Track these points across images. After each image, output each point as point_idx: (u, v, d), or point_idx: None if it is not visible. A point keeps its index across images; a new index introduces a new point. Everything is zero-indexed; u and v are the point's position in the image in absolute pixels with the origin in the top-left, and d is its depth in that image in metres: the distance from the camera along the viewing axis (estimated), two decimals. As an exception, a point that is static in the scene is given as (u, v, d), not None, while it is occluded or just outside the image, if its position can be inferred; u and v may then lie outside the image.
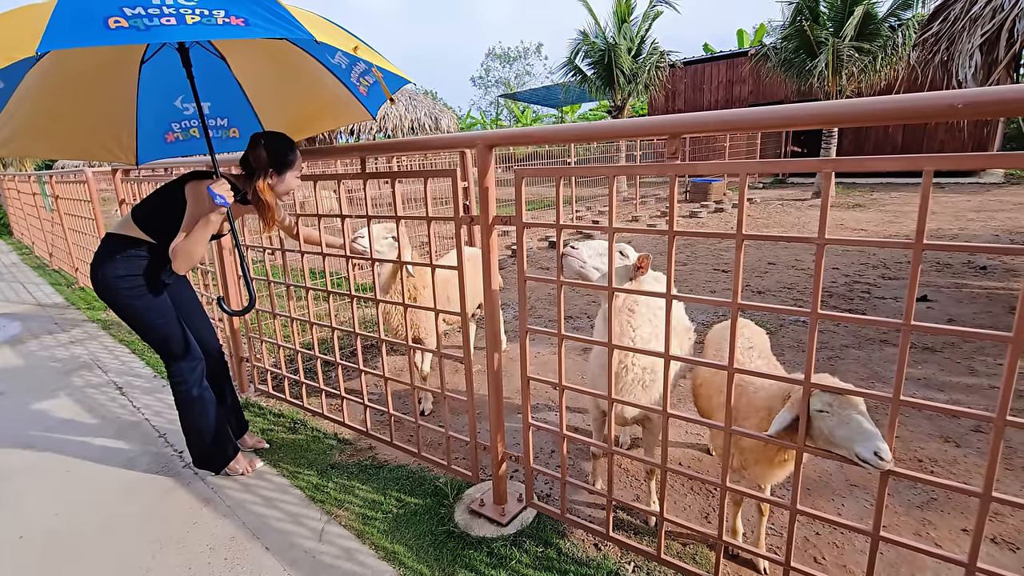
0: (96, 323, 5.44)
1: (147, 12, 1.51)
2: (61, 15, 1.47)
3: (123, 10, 1.50)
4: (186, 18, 1.53)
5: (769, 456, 1.75)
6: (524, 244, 1.96)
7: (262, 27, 1.59)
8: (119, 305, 2.30)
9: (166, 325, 2.36)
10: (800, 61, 12.07)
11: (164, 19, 1.51)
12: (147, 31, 1.48)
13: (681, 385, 3.46)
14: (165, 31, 1.50)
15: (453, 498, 2.39)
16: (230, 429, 2.68)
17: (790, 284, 5.77)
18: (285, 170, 2.28)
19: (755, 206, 12.15)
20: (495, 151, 1.99)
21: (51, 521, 2.38)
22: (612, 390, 1.86)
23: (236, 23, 1.56)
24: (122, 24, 1.47)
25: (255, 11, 1.63)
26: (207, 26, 1.53)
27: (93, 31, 1.45)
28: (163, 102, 2.54)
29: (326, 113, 2.68)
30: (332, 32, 1.87)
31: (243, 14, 1.59)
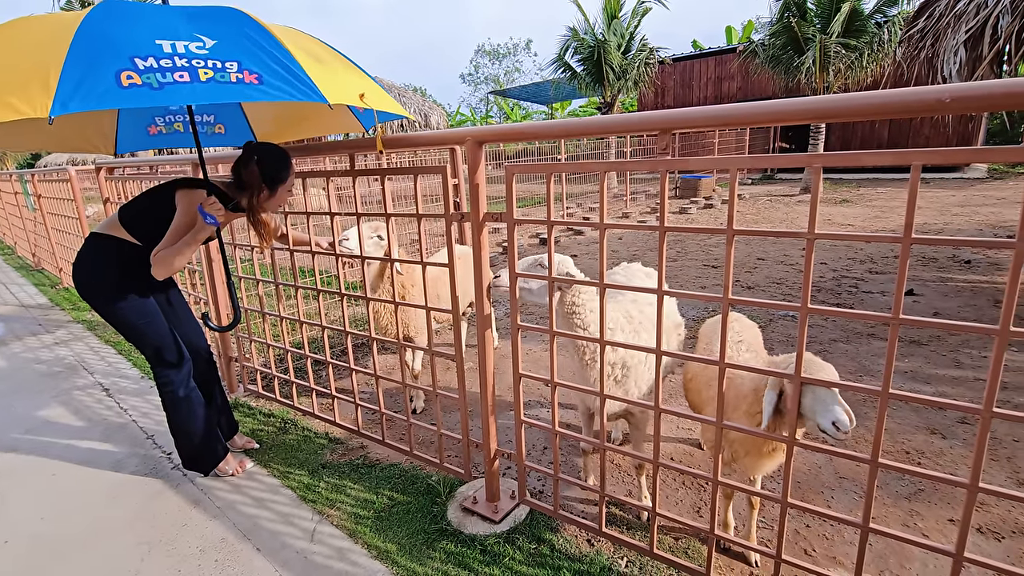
0: (81, 324, 5.36)
1: (159, 65, 1.46)
2: (73, 67, 1.41)
3: (135, 61, 1.45)
4: (199, 73, 1.48)
5: (758, 446, 1.76)
6: (515, 241, 1.95)
7: (277, 88, 1.54)
8: (102, 306, 2.27)
9: (150, 325, 2.33)
10: (788, 57, 12.16)
11: (177, 74, 1.46)
12: (161, 90, 1.43)
13: (672, 380, 3.48)
14: (179, 90, 1.45)
15: (446, 496, 2.38)
16: (219, 430, 2.66)
17: (779, 279, 5.82)
18: (277, 186, 2.25)
19: (744, 202, 12.23)
20: (485, 147, 1.98)
21: (36, 525, 2.35)
22: (603, 386, 1.86)
23: (250, 80, 1.52)
24: (135, 81, 1.42)
25: (269, 67, 1.59)
26: (221, 84, 1.49)
27: (106, 92, 1.40)
28: (128, 35, 2.47)
29: (318, 118, 2.66)
30: (335, 74, 1.84)
31: (257, 69, 1.55)
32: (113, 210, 2.71)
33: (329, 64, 1.88)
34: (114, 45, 1.48)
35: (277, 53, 1.64)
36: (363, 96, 1.85)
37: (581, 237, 9.13)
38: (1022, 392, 3.09)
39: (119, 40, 1.50)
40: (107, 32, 1.53)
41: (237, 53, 1.58)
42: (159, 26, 1.60)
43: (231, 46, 1.60)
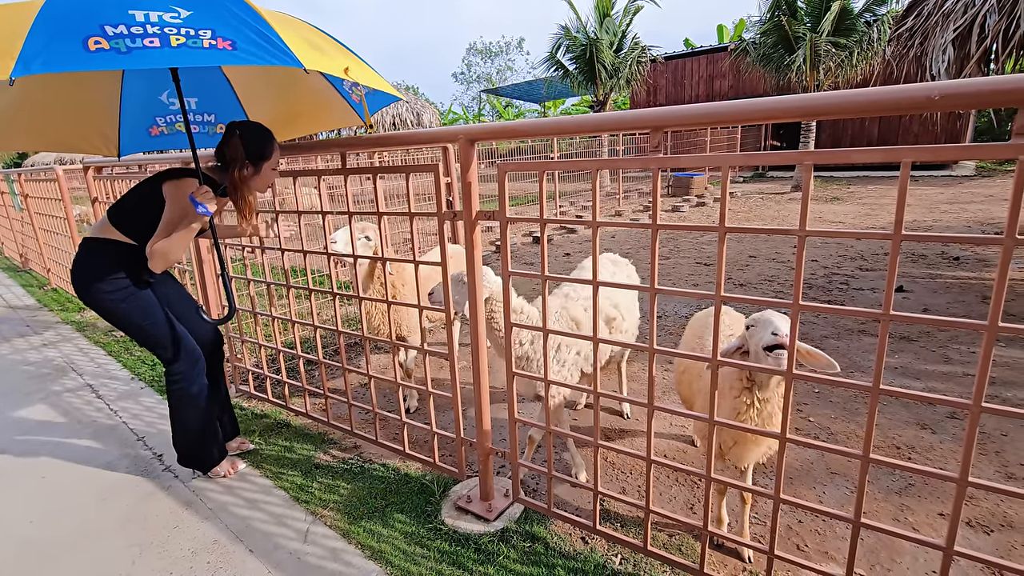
0: (70, 325, 5.30)
1: (129, 31, 1.44)
2: (38, 33, 1.39)
3: (104, 28, 1.42)
4: (170, 39, 1.46)
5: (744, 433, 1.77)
6: (508, 239, 1.95)
7: (251, 53, 1.52)
8: (105, 309, 2.25)
9: (156, 324, 2.30)
10: (778, 56, 12.23)
11: (147, 39, 1.44)
12: (128, 54, 1.41)
13: (665, 377, 3.49)
14: (148, 55, 1.42)
15: (440, 495, 2.37)
16: (220, 427, 2.64)
17: (771, 276, 5.85)
18: (261, 163, 2.21)
19: (736, 200, 12.29)
20: (477, 146, 1.98)
21: (25, 528, 2.32)
22: (597, 384, 1.87)
23: (223, 46, 1.50)
24: (103, 46, 1.40)
25: (244, 34, 1.56)
26: (192, 49, 1.46)
27: (71, 54, 1.38)
28: (148, 96, 2.49)
29: (318, 114, 2.64)
30: (323, 52, 1.81)
31: (231, 36, 1.53)
32: (103, 211, 2.68)
33: (310, 39, 1.85)
34: (84, 12, 1.46)
35: (253, 22, 1.60)
36: (347, 70, 1.81)
37: (574, 235, 9.14)
38: (1011, 387, 3.13)
39: (90, 8, 1.48)
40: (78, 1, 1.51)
41: (211, 22, 1.55)
42: None
43: (206, 16, 1.57)
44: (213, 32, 1.52)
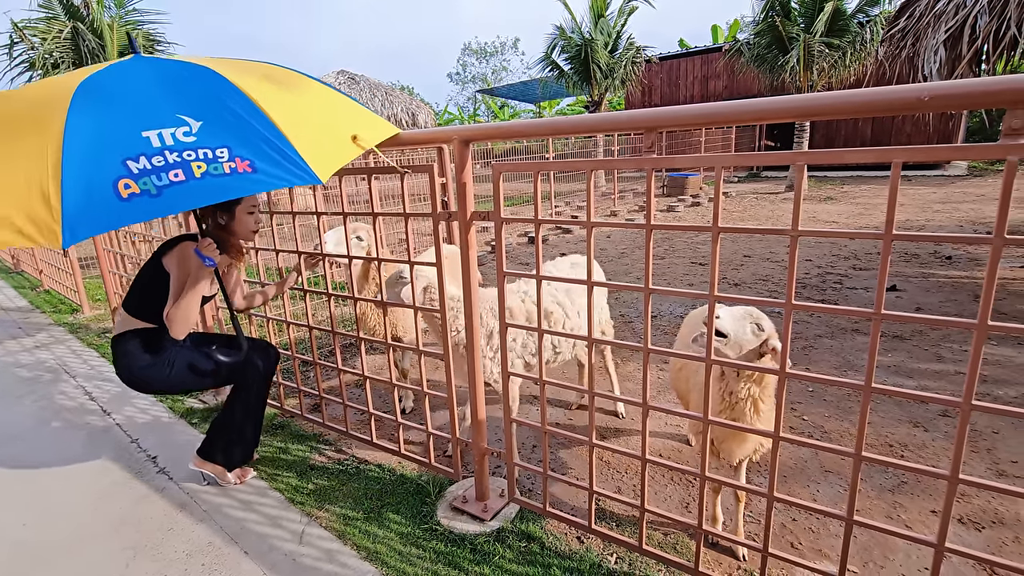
0: (63, 327, 5.27)
1: (152, 164, 1.40)
2: (71, 185, 1.34)
3: (128, 166, 1.39)
4: (193, 168, 1.42)
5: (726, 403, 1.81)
6: (503, 240, 1.95)
7: (271, 175, 1.47)
8: (163, 387, 2.34)
9: (208, 374, 2.38)
10: (772, 56, 12.28)
11: (172, 173, 1.40)
12: (160, 197, 1.37)
13: (661, 377, 3.50)
14: (177, 193, 1.38)
15: (435, 496, 2.37)
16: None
17: (765, 276, 5.88)
18: (233, 207, 2.25)
19: (730, 200, 12.34)
20: (473, 146, 1.98)
21: (19, 531, 2.30)
22: (592, 384, 1.87)
23: (244, 169, 1.45)
24: (134, 190, 1.37)
25: (260, 150, 1.51)
26: (215, 178, 1.42)
27: (111, 210, 1.34)
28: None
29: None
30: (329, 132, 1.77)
31: (248, 155, 1.48)
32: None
33: (310, 115, 1.79)
34: (105, 147, 1.41)
35: (263, 129, 1.55)
36: (356, 138, 1.77)
37: (569, 235, 9.15)
38: (1002, 385, 3.16)
39: (108, 139, 1.43)
40: (95, 129, 1.44)
41: (225, 136, 1.50)
42: (141, 111, 1.52)
43: (217, 127, 1.52)
44: (230, 152, 1.47)
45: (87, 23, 9.89)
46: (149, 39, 10.73)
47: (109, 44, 9.99)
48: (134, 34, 10.39)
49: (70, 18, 9.80)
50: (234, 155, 1.48)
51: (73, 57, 9.83)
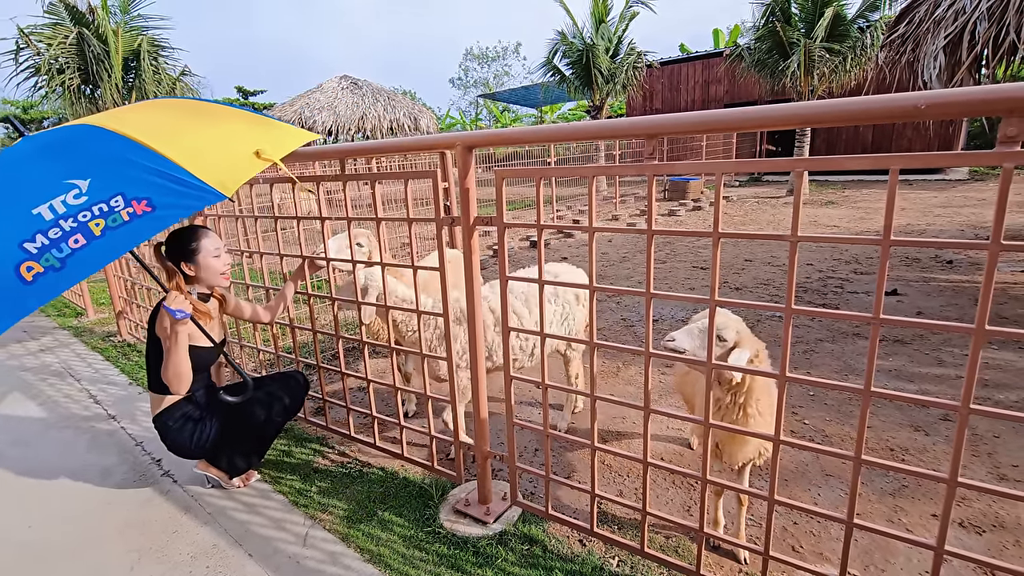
0: (67, 330, 5.30)
1: (50, 239, 1.36)
2: None
3: (26, 248, 1.35)
4: (90, 227, 1.38)
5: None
6: (505, 244, 1.97)
7: (171, 206, 1.44)
8: (209, 443, 2.40)
9: (256, 416, 2.44)
10: (773, 61, 12.32)
11: (71, 239, 1.37)
12: (64, 268, 1.35)
13: (663, 381, 3.51)
14: (81, 260, 1.36)
15: (438, 499, 2.39)
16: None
17: (766, 280, 5.89)
18: (195, 257, 2.29)
19: (731, 204, 12.36)
20: (475, 152, 2.00)
21: (24, 534, 2.32)
22: (594, 387, 1.89)
23: (143, 210, 1.41)
24: (37, 270, 1.35)
25: (154, 183, 1.47)
26: (115, 230, 1.39)
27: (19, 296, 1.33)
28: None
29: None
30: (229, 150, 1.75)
31: (144, 193, 1.43)
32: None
33: (204, 139, 1.76)
34: None
35: (155, 165, 1.51)
36: (259, 153, 1.73)
37: (571, 240, 9.17)
38: (1003, 389, 3.16)
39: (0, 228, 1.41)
40: None
41: (116, 184, 1.46)
42: (28, 189, 1.48)
43: (107, 178, 1.48)
44: (124, 197, 1.43)
45: (92, 29, 9.96)
46: (153, 44, 10.80)
47: (114, 50, 10.06)
48: (137, 40, 10.46)
49: (76, 24, 9.86)
50: (130, 200, 1.44)
51: (79, 62, 9.90)
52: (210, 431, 2.38)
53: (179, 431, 2.35)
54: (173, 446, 2.39)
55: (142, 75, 10.47)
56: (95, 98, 10.40)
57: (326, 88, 16.68)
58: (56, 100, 10.39)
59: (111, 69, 10.08)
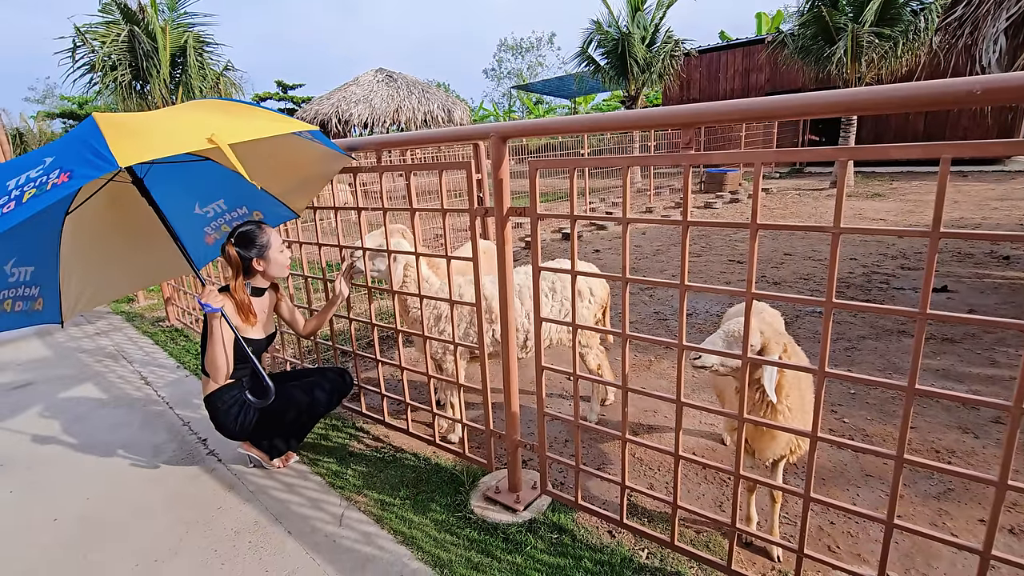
0: (120, 315, 5.58)
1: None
2: None
3: None
4: (24, 195, 1.55)
5: None
6: (539, 235, 1.98)
7: (81, 176, 1.55)
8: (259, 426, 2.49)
9: (297, 404, 2.54)
10: (818, 48, 11.86)
11: (6, 208, 1.53)
12: None
13: (696, 376, 3.46)
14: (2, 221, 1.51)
15: (469, 485, 2.43)
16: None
17: (806, 275, 5.72)
18: (266, 251, 2.42)
19: (771, 196, 12.00)
20: (509, 143, 2.01)
21: (83, 505, 2.48)
22: (626, 379, 1.88)
23: (63, 180, 1.54)
24: None
25: (81, 157, 1.59)
26: (38, 197, 1.52)
27: None
28: (186, 214, 2.55)
29: (318, 169, 2.58)
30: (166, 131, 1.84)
31: (71, 166, 1.58)
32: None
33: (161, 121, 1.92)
34: None
35: (91, 140, 1.65)
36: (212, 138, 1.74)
37: (604, 232, 9.09)
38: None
39: None
40: None
41: (63, 160, 1.63)
42: (25, 165, 1.70)
43: (63, 156, 1.66)
44: (60, 169, 1.58)
45: (142, 26, 10.37)
46: (199, 41, 11.17)
47: (161, 46, 10.45)
48: (184, 36, 10.83)
49: (127, 21, 10.28)
50: (63, 171, 1.59)
51: (130, 59, 10.33)
52: (253, 415, 2.48)
53: (225, 412, 2.45)
54: (219, 426, 2.50)
55: (188, 70, 10.84)
56: (144, 93, 10.84)
57: (362, 81, 16.93)
58: (109, 96, 10.88)
59: (159, 65, 10.48)
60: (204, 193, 2.54)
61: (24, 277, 2.14)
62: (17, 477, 2.74)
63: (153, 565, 2.08)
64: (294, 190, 2.69)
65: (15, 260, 2.11)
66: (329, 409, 2.70)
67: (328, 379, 2.67)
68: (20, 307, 2.18)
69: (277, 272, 2.50)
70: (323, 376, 2.68)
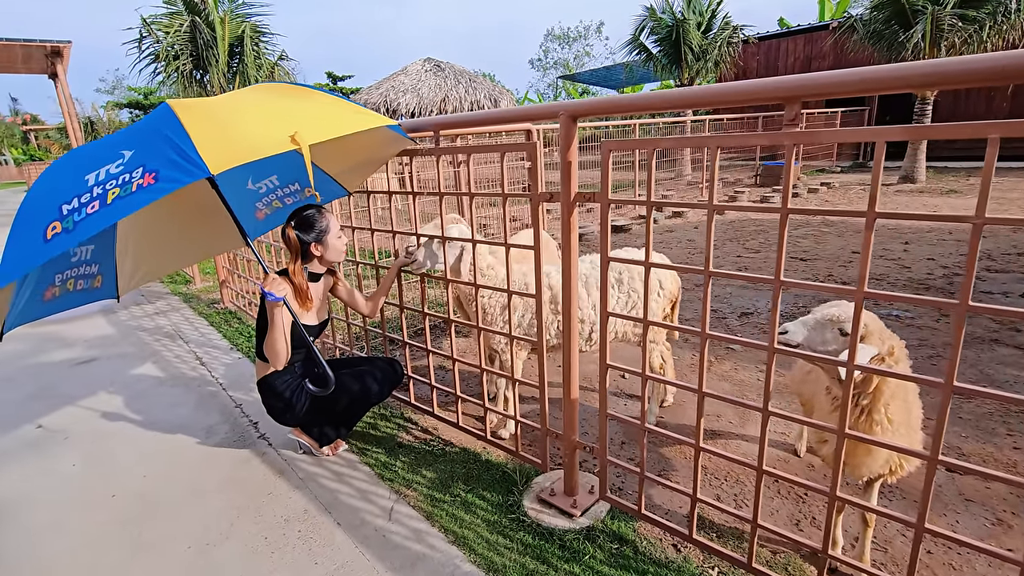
0: (177, 296, 5.76)
1: (81, 203, 1.48)
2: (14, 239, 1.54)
3: (62, 209, 1.49)
4: (108, 195, 1.47)
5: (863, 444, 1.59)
6: (608, 223, 1.82)
7: (168, 180, 1.48)
8: (310, 412, 2.48)
9: (348, 394, 2.49)
10: (891, 32, 11.06)
11: (90, 207, 1.47)
12: (74, 231, 1.44)
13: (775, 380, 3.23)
14: (88, 223, 1.44)
15: (522, 485, 2.32)
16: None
17: (879, 275, 5.31)
18: (324, 236, 2.37)
19: (833, 191, 11.34)
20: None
21: (140, 483, 2.50)
22: (703, 382, 1.72)
23: (148, 182, 1.47)
24: (57, 230, 1.45)
25: (166, 158, 1.52)
26: (123, 199, 1.46)
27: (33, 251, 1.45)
28: (240, 190, 2.46)
29: (377, 151, 2.53)
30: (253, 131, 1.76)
31: (156, 166, 1.50)
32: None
33: (243, 117, 1.83)
34: (50, 197, 1.54)
35: (174, 136, 1.58)
36: (294, 137, 1.68)
37: (655, 225, 8.76)
38: None
39: (57, 190, 1.55)
40: (52, 184, 1.60)
41: (145, 157, 1.55)
42: (98, 153, 1.63)
43: (143, 151, 1.58)
44: (144, 168, 1.50)
45: (203, 17, 10.68)
46: (255, 31, 11.44)
47: (220, 36, 10.75)
48: (241, 27, 11.10)
49: (189, 12, 10.62)
50: (147, 171, 1.50)
51: (191, 49, 10.67)
52: (305, 401, 2.44)
53: (277, 397, 2.43)
54: (271, 410, 2.48)
55: (244, 60, 11.12)
56: (204, 83, 11.19)
57: (410, 71, 17.00)
58: (171, 86, 11.30)
59: (218, 55, 10.78)
60: (258, 168, 2.46)
61: (85, 256, 2.15)
62: (81, 450, 2.81)
63: (205, 549, 2.07)
64: (350, 170, 2.63)
65: None
66: (380, 399, 2.65)
67: (379, 368, 2.61)
68: (82, 285, 2.19)
69: (334, 257, 2.45)
70: (374, 365, 2.62)
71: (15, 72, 15.05)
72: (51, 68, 13.61)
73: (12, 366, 4.03)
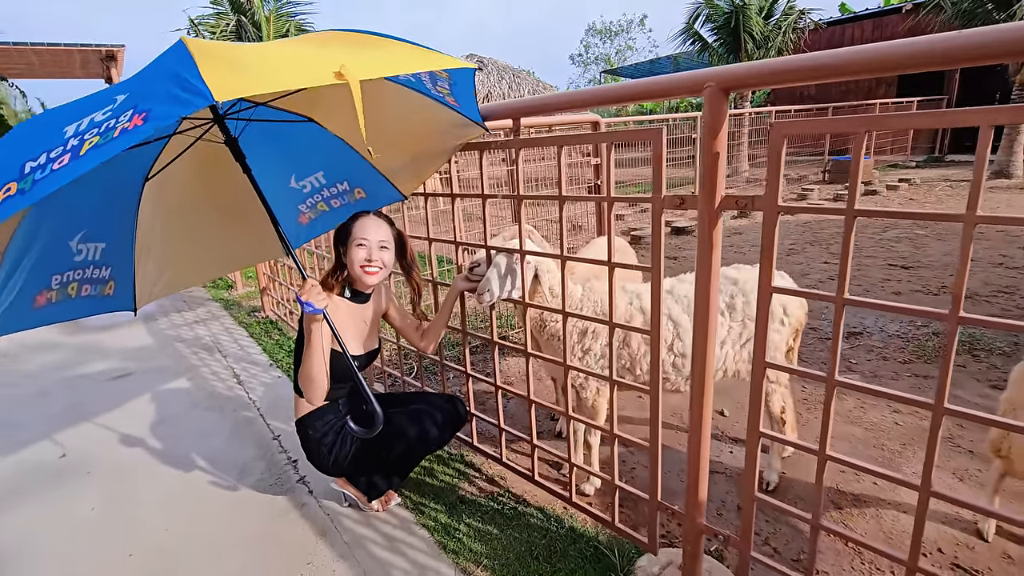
0: (218, 303, 5.51)
1: (49, 158, 1.10)
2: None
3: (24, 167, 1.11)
4: (84, 146, 1.07)
5: None
6: (775, 233, 1.29)
7: (161, 115, 1.06)
8: (357, 460, 2.07)
9: (403, 438, 2.07)
10: (985, 12, 9.96)
11: (57, 163, 1.07)
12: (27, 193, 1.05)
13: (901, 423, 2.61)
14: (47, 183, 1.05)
15: (622, 571, 1.81)
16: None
17: (1005, 286, 4.53)
18: (347, 239, 2.00)
19: (915, 188, 10.30)
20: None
21: (161, 537, 2.13)
22: (826, 442, 1.17)
23: (135, 124, 1.06)
24: (11, 191, 1.07)
25: (165, 91, 1.11)
26: (98, 148, 1.05)
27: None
28: (282, 188, 2.09)
29: (439, 142, 2.07)
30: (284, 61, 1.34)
31: (148, 104, 1.10)
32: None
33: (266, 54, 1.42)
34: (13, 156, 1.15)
35: (181, 69, 1.16)
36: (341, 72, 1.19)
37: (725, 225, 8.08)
38: None
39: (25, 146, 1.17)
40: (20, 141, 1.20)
41: (138, 97, 1.16)
42: (89, 105, 1.23)
43: (139, 91, 1.18)
44: (134, 110, 1.09)
45: (249, 16, 10.62)
46: (300, 30, 11.31)
47: (266, 35, 10.65)
48: (286, 25, 10.99)
49: (235, 12, 10.58)
50: (137, 112, 1.08)
51: (236, 49, 10.63)
52: (350, 447, 2.01)
53: (319, 442, 2.01)
54: (311, 456, 2.07)
55: (289, 59, 11.00)
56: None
57: (453, 68, 16.69)
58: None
59: (263, 54, 10.70)
60: (303, 163, 2.07)
61: (93, 256, 1.73)
62: (102, 488, 2.48)
63: (230, 642, 1.65)
64: (406, 167, 2.16)
65: (83, 235, 1.67)
66: (440, 446, 2.20)
67: (439, 408, 2.15)
68: (87, 291, 1.76)
69: (352, 270, 2.00)
70: (432, 404, 2.17)
71: (73, 77, 15.46)
72: (106, 72, 13.91)
73: (48, 378, 3.80)
